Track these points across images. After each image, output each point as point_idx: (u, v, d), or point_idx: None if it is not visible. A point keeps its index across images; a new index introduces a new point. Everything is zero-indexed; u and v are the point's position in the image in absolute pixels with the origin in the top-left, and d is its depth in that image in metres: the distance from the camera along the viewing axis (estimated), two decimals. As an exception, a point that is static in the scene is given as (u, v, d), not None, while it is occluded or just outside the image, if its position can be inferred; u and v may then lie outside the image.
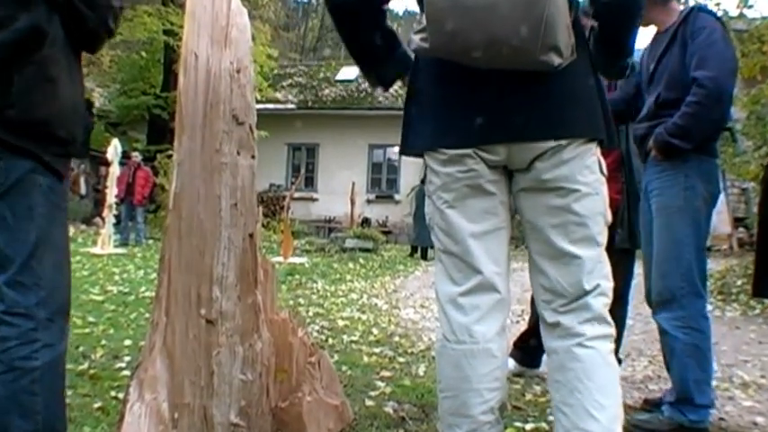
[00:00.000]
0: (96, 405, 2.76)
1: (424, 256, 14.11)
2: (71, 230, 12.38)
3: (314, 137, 21.61)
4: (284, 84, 23.21)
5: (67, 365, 3.27)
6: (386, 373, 3.57)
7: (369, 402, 2.96)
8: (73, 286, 5.87)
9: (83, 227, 13.80)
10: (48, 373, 1.70)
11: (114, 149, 9.76)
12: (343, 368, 3.61)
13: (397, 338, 4.74)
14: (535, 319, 3.61)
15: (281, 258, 10.88)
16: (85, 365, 3.23)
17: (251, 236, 2.45)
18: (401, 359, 4.01)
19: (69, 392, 2.85)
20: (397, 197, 20.98)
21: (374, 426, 2.68)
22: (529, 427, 2.75)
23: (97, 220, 9.86)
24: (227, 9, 2.49)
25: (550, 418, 2.84)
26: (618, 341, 3.48)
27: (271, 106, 20.89)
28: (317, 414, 2.53)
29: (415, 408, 2.92)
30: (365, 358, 3.94)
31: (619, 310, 3.44)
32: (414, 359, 4.05)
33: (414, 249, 14.69)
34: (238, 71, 2.51)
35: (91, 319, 4.40)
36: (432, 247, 13.01)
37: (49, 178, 1.72)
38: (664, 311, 2.81)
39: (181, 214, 2.37)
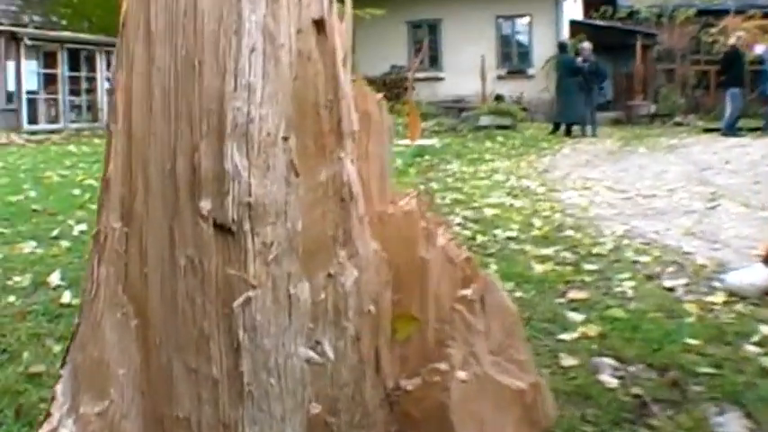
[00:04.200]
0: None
1: (569, 133, 12.56)
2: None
3: (435, 12, 19.88)
4: (399, -45, 21.42)
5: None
6: (575, 294, 2.20)
7: (566, 360, 1.60)
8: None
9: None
10: None
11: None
12: (506, 285, 2.24)
13: (570, 232, 3.33)
14: None
15: (408, 141, 9.66)
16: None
17: (319, 23, 1.07)
18: (589, 266, 2.60)
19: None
20: (530, 71, 19.05)
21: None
22: None
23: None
24: None
25: None
26: None
27: (386, -20, 19.47)
28: (480, 409, 1.20)
29: (653, 374, 1.52)
30: (535, 266, 2.56)
31: None
32: (606, 265, 2.64)
33: (556, 126, 13.05)
34: None
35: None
36: (578, 123, 11.46)
37: None
38: None
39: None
